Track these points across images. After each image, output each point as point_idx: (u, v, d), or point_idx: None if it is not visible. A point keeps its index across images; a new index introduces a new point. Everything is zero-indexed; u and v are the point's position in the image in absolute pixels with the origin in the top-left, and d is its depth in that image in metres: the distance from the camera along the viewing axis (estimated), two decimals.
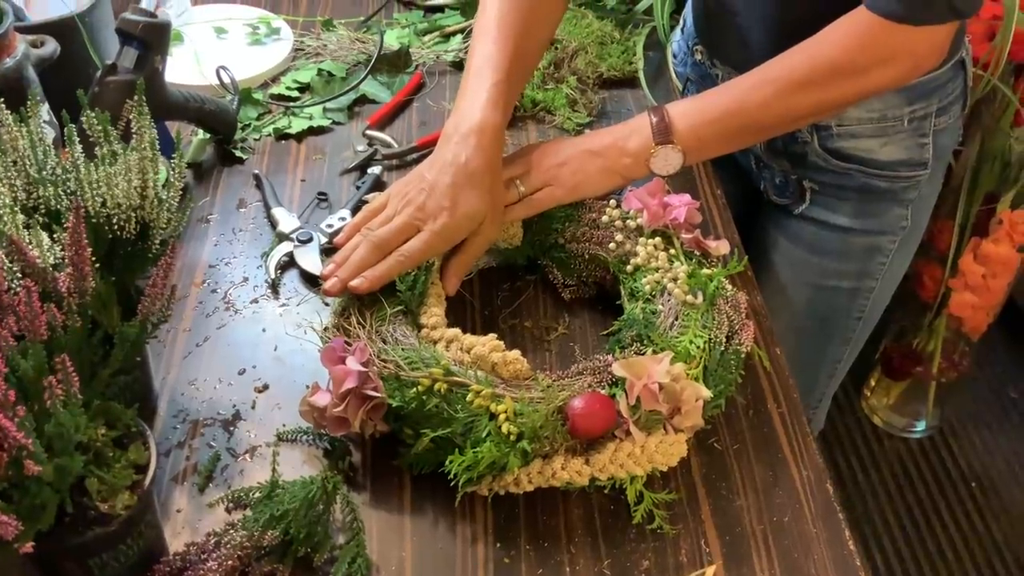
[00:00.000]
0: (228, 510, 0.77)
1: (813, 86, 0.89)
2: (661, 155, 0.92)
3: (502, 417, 0.72)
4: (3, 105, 0.73)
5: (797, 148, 1.06)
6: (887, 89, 0.95)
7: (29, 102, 0.75)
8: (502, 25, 0.94)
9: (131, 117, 0.75)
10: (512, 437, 0.72)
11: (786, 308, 1.17)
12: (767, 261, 1.17)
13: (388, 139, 1.14)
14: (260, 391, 0.86)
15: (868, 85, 0.90)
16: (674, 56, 1.23)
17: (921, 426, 2.11)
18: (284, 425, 0.83)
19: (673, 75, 1.24)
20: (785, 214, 1.14)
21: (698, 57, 1.14)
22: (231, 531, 0.71)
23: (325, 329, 0.84)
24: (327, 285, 0.85)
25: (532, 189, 0.93)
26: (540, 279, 0.99)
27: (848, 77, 0.89)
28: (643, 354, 0.79)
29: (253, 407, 0.85)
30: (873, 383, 2.13)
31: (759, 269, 1.18)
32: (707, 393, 0.77)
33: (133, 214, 0.75)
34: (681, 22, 1.22)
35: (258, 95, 1.18)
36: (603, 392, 0.76)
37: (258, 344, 0.90)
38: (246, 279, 0.97)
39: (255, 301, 0.94)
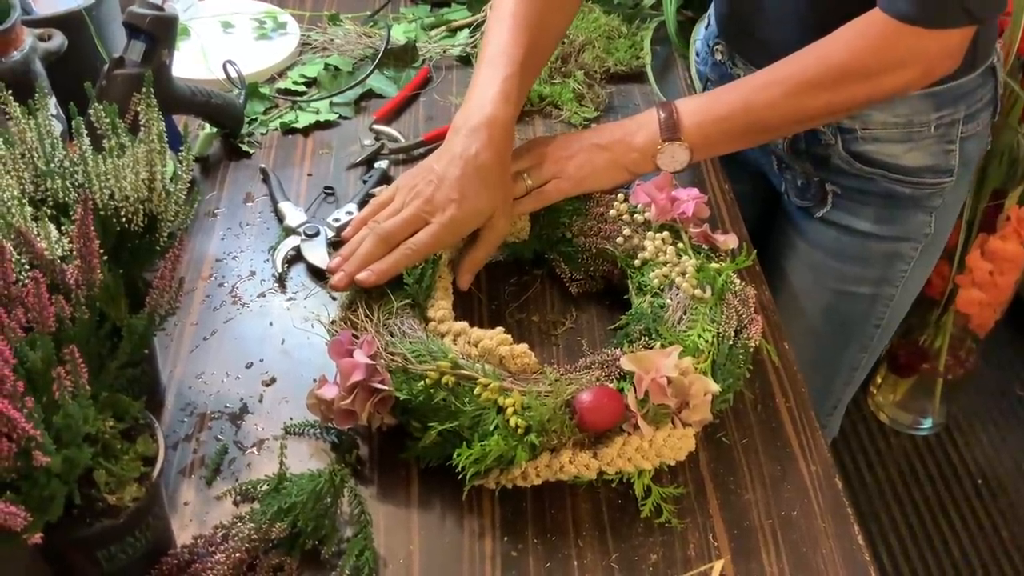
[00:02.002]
0: (236, 503, 0.76)
1: (823, 88, 0.89)
2: (668, 151, 0.92)
3: (510, 411, 0.72)
4: (11, 98, 0.73)
5: (820, 150, 1.05)
6: (898, 94, 0.94)
7: (37, 95, 0.75)
8: (518, 14, 0.93)
9: (139, 110, 0.75)
10: (520, 430, 0.72)
11: (804, 312, 1.16)
12: (786, 264, 1.16)
13: (395, 133, 1.14)
14: (267, 384, 0.86)
15: (879, 88, 0.89)
16: (697, 55, 1.22)
17: (927, 423, 2.11)
18: (291, 418, 0.83)
19: (694, 73, 1.23)
20: (806, 217, 1.12)
21: (718, 57, 1.13)
22: (239, 524, 0.71)
23: (332, 322, 0.84)
24: (334, 279, 0.84)
25: (540, 182, 0.93)
26: (547, 273, 0.98)
27: (858, 80, 0.88)
28: (651, 348, 0.79)
29: (260, 400, 0.85)
30: (879, 380, 2.13)
31: (778, 272, 1.17)
32: (715, 387, 0.77)
33: (141, 206, 0.75)
34: (706, 20, 1.21)
35: (265, 89, 1.18)
36: (611, 386, 0.76)
37: (265, 338, 0.90)
38: (253, 273, 0.97)
39: (262, 295, 0.94)
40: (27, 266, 0.66)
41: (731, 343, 0.81)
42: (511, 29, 0.93)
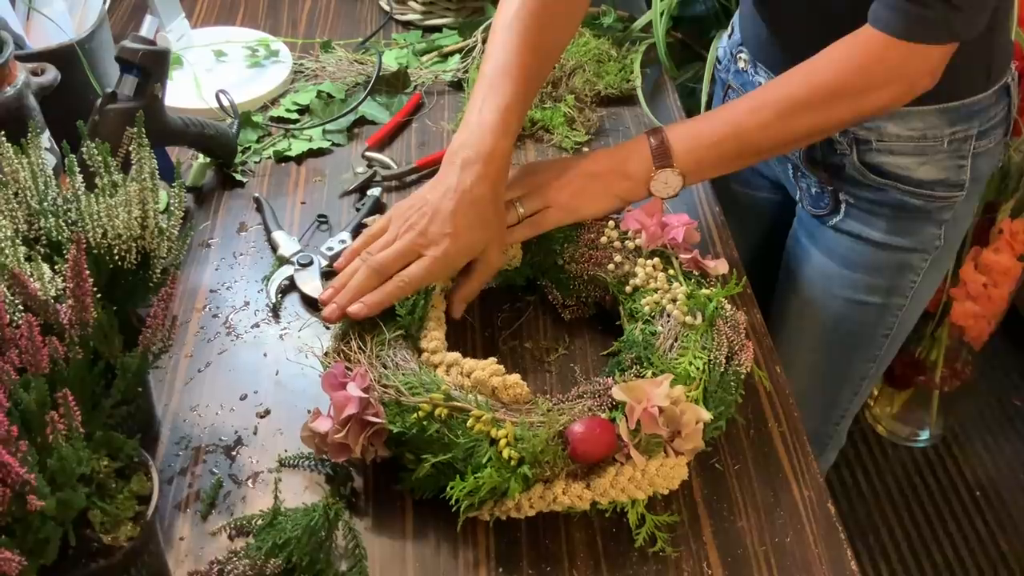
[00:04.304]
0: (231, 537, 0.77)
1: (811, 107, 0.90)
2: (661, 178, 0.92)
3: (503, 442, 0.72)
4: (3, 138, 0.74)
5: (835, 160, 1.06)
6: (882, 112, 0.95)
7: (30, 133, 0.76)
8: (520, 31, 0.92)
9: (131, 148, 0.76)
10: (513, 462, 0.72)
11: (815, 320, 1.17)
12: (799, 272, 1.17)
13: (387, 160, 1.14)
14: (262, 416, 0.86)
15: (865, 106, 0.90)
16: (718, 61, 1.23)
17: (925, 435, 2.11)
18: (286, 450, 0.83)
19: (706, 82, 1.24)
20: (819, 225, 1.13)
21: (740, 65, 1.14)
22: (234, 559, 0.71)
23: (326, 354, 0.84)
24: (326, 312, 0.85)
25: (532, 211, 0.94)
26: (540, 299, 0.99)
27: (846, 98, 0.89)
28: (643, 377, 0.79)
29: (255, 432, 0.85)
30: (876, 392, 2.13)
31: (791, 280, 1.19)
32: (707, 416, 0.77)
33: (134, 244, 0.75)
34: (729, 29, 1.22)
35: (258, 118, 1.18)
36: (603, 416, 0.76)
37: (259, 369, 0.91)
38: (247, 303, 0.97)
39: (256, 325, 0.95)
40: (20, 307, 0.67)
41: (722, 370, 0.82)
42: (515, 48, 0.92)
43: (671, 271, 0.90)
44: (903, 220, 1.07)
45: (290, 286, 0.98)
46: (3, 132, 0.75)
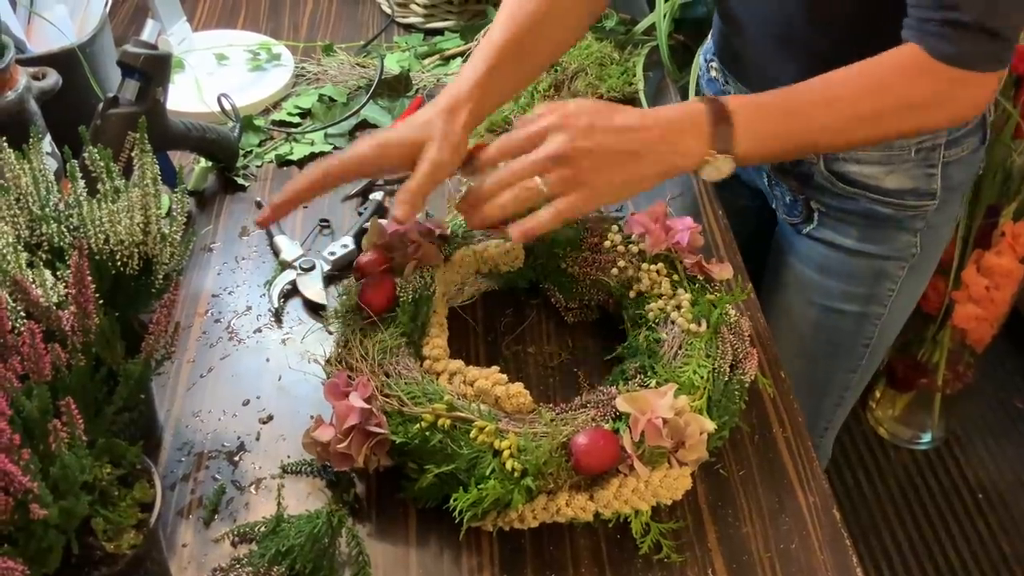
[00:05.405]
0: (234, 544, 0.76)
1: (875, 120, 0.85)
2: (715, 164, 0.83)
3: (506, 454, 0.72)
4: (5, 144, 0.74)
5: (804, 168, 1.06)
6: (929, 132, 0.96)
7: (31, 139, 0.75)
8: (505, 12, 0.92)
9: (133, 153, 0.75)
10: (516, 474, 0.71)
11: (794, 329, 1.17)
12: (778, 280, 1.17)
13: None
14: (264, 422, 0.86)
15: (923, 124, 0.89)
16: (700, 68, 1.23)
17: (927, 438, 2.11)
18: (289, 456, 0.83)
19: (692, 88, 1.24)
20: (795, 233, 1.13)
21: (712, 74, 1.14)
22: (237, 566, 0.71)
23: (328, 362, 0.84)
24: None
25: (557, 190, 0.80)
26: (542, 302, 0.98)
27: (908, 113, 0.86)
28: (647, 386, 0.79)
29: (258, 438, 0.85)
30: (878, 395, 2.13)
31: (770, 288, 1.18)
32: (711, 426, 0.77)
33: (136, 250, 0.75)
34: (708, 37, 1.21)
35: (259, 121, 1.18)
36: (606, 427, 0.76)
37: (262, 374, 0.90)
38: (249, 308, 0.97)
39: (258, 330, 0.94)
40: (23, 314, 0.66)
41: (727, 379, 0.81)
42: (497, 26, 0.92)
43: (675, 276, 0.90)
44: (874, 228, 1.07)
45: (292, 291, 0.98)
46: (4, 137, 0.75)
